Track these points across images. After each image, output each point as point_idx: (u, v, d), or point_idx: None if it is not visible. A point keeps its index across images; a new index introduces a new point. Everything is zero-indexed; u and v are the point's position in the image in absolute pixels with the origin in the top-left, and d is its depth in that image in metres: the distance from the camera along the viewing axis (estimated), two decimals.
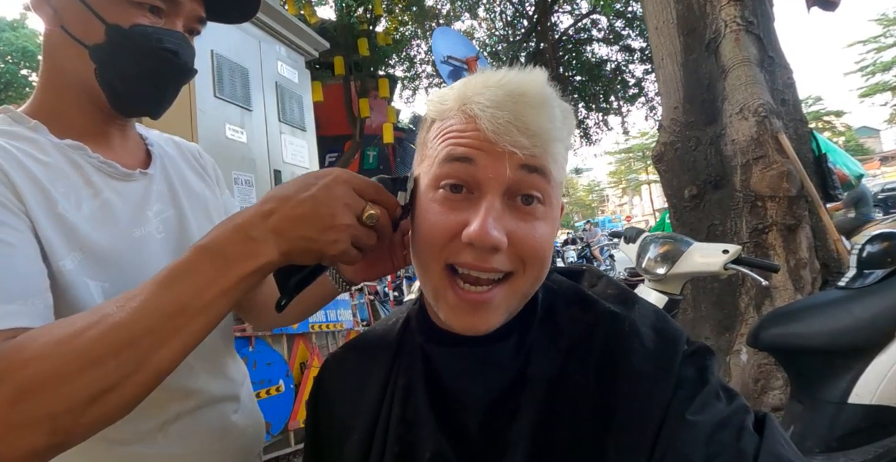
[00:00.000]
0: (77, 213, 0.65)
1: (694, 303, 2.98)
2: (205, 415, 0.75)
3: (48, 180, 0.63)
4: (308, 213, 0.52)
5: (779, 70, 2.95)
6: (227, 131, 2.93)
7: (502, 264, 0.53)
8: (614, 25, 12.56)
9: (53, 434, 0.45)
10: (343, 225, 0.53)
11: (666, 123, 3.21)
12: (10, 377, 0.44)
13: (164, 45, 0.68)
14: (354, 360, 0.71)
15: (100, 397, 0.46)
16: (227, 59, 3.00)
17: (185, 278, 0.50)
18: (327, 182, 0.54)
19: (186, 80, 0.75)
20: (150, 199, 0.75)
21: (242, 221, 0.52)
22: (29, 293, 0.54)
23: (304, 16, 7.73)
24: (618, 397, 0.53)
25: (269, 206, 0.52)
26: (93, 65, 0.67)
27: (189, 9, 0.71)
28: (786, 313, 1.69)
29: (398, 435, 0.59)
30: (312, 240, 0.52)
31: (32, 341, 0.47)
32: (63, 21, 0.67)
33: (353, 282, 0.80)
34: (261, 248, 0.51)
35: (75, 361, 0.45)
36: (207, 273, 0.50)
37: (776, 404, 2.31)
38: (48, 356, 0.45)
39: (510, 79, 0.54)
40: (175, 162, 0.85)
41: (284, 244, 0.52)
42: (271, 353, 2.75)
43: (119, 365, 0.46)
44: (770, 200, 2.62)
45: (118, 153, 0.75)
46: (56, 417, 0.45)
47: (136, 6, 0.67)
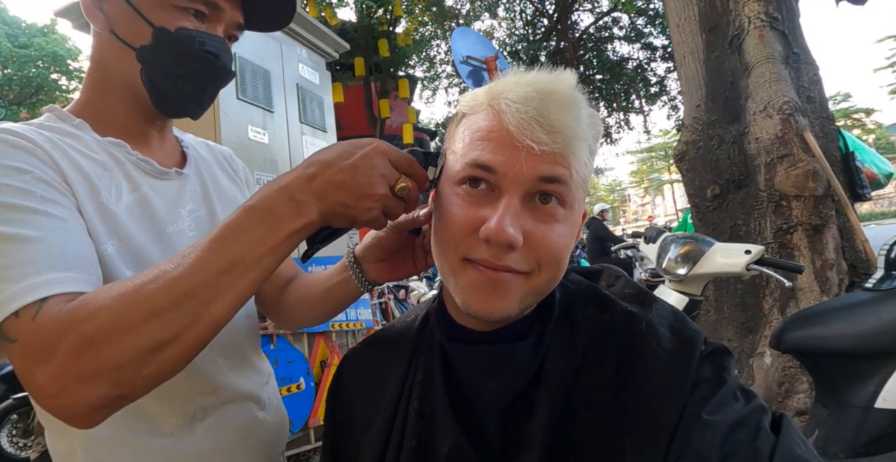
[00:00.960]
0: (117, 204, 0.69)
1: (717, 304, 2.94)
2: (232, 411, 0.77)
3: (92, 172, 0.67)
4: (347, 180, 0.55)
5: (804, 67, 2.89)
6: (250, 132, 2.98)
7: (517, 263, 0.54)
8: (636, 23, 12.42)
9: (116, 385, 0.48)
10: (378, 194, 0.56)
11: (688, 122, 3.16)
12: (75, 330, 0.47)
13: (206, 47, 0.72)
14: (374, 355, 0.73)
15: (160, 348, 0.49)
16: (250, 61, 3.05)
17: (236, 236, 0.53)
18: (367, 152, 0.57)
19: (226, 82, 0.78)
20: (184, 198, 0.79)
21: (287, 184, 0.55)
22: (85, 263, 0.58)
23: (325, 18, 7.81)
24: (634, 397, 0.53)
25: (311, 170, 0.56)
26: (139, 66, 0.71)
27: (230, 15, 0.75)
28: (810, 315, 1.66)
29: (416, 430, 0.60)
30: (348, 206, 0.56)
31: (95, 297, 0.50)
32: (113, 25, 0.71)
33: (375, 282, 0.82)
34: (304, 208, 0.55)
35: (137, 313, 0.48)
36: (257, 231, 0.53)
37: (801, 408, 2.26)
38: (111, 309, 0.48)
39: (540, 78, 0.56)
40: (209, 164, 0.89)
41: (324, 207, 0.56)
42: (292, 351, 2.79)
43: (178, 316, 0.49)
44: (795, 200, 2.57)
45: (156, 153, 0.79)
46: (119, 368, 0.48)
47: (182, 10, 0.70)
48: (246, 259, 0.52)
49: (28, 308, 0.49)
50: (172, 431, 0.70)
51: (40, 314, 0.49)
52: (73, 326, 0.48)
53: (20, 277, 0.51)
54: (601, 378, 0.56)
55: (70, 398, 0.47)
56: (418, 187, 0.61)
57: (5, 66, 17.41)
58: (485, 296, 0.55)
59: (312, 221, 0.56)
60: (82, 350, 0.47)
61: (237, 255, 0.52)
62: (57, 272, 0.53)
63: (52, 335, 0.48)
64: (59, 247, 0.56)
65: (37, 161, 0.61)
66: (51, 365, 0.47)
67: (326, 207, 0.56)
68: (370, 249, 0.79)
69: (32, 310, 0.49)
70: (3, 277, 0.51)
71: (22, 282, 0.51)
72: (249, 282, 0.53)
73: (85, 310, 0.49)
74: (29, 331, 0.49)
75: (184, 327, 0.50)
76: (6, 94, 16.19)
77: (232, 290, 0.52)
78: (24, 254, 0.53)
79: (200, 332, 0.51)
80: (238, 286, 0.52)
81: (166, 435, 0.70)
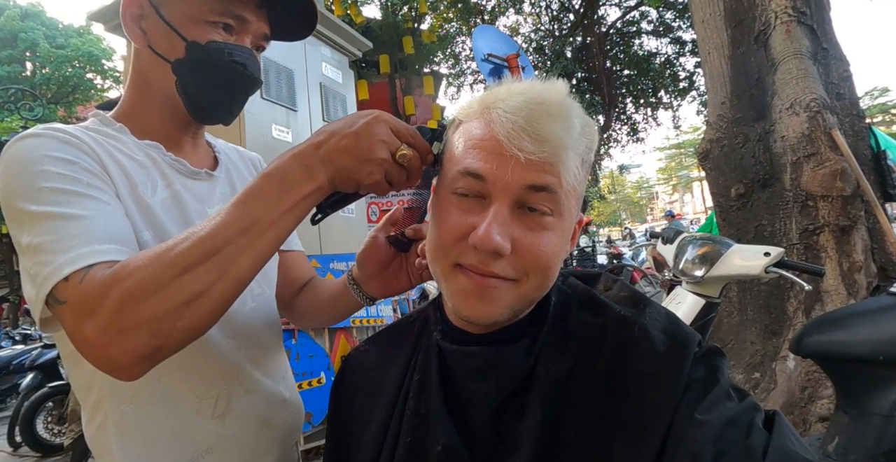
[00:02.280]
0: (153, 198, 0.75)
1: (739, 306, 2.88)
2: (253, 401, 0.82)
3: (131, 168, 0.74)
4: (350, 145, 0.60)
5: (834, 62, 2.80)
6: (274, 131, 3.03)
7: (504, 271, 0.55)
8: (664, 17, 12.17)
9: (155, 336, 0.54)
10: (378, 159, 0.60)
11: (712, 119, 3.10)
12: (116, 287, 0.53)
13: (234, 58, 0.77)
14: (376, 353, 0.76)
15: (192, 301, 0.55)
16: (274, 61, 3.10)
17: (255, 199, 0.59)
18: (368, 120, 0.61)
19: (254, 89, 0.83)
20: (213, 198, 0.85)
21: (299, 151, 0.61)
22: (126, 241, 0.64)
23: (350, 16, 7.85)
24: (625, 400, 0.54)
25: (319, 138, 0.61)
26: (174, 77, 0.77)
27: (256, 27, 0.80)
28: (832, 319, 1.61)
29: (411, 428, 0.62)
30: (352, 169, 0.61)
31: (134, 259, 0.56)
32: (151, 40, 0.77)
33: (375, 297, 0.89)
34: (314, 173, 0.60)
35: (171, 270, 0.54)
36: (273, 194, 0.59)
37: (824, 414, 2.21)
38: (148, 267, 0.54)
39: (532, 88, 0.57)
40: (239, 169, 0.95)
41: (331, 171, 0.61)
42: (313, 346, 2.84)
43: (206, 271, 0.55)
44: (822, 200, 2.50)
45: (189, 155, 0.85)
46: (157, 320, 0.53)
47: (212, 25, 0.76)
48: (264, 220, 0.58)
49: (76, 274, 0.56)
50: (198, 411, 0.75)
51: (86, 278, 0.55)
52: (115, 284, 0.54)
53: (69, 249, 0.57)
54: (592, 381, 0.57)
55: (115, 349, 0.53)
56: (421, 159, 0.64)
57: (44, 66, 17.97)
58: (473, 301, 0.57)
59: (322, 186, 0.61)
60: (124, 305, 0.53)
61: (256, 217, 0.58)
62: (101, 244, 0.59)
63: (96, 294, 0.54)
64: (103, 224, 0.62)
65: (83, 154, 0.68)
66: (97, 320, 0.53)
67: (333, 171, 0.61)
68: (363, 267, 0.86)
69: (80, 275, 0.56)
70: (53, 250, 0.58)
71: (70, 252, 0.57)
72: (268, 241, 0.59)
73: (125, 270, 0.55)
74: (77, 292, 0.55)
75: (211, 282, 0.56)
76: (44, 93, 16.72)
77: (253, 249, 0.58)
78: (71, 230, 0.59)
79: (226, 287, 0.57)
80: (258, 245, 0.58)
81: (192, 415, 0.75)
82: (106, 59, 18.99)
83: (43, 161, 0.63)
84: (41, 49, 17.47)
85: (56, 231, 0.59)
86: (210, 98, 0.79)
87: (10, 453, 4.81)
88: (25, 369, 5.54)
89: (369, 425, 0.67)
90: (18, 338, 8.84)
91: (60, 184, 0.62)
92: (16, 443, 4.75)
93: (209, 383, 0.77)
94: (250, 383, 0.81)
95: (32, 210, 0.60)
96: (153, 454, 0.73)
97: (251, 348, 0.83)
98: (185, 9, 0.75)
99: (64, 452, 4.33)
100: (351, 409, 0.72)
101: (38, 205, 0.60)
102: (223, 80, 0.78)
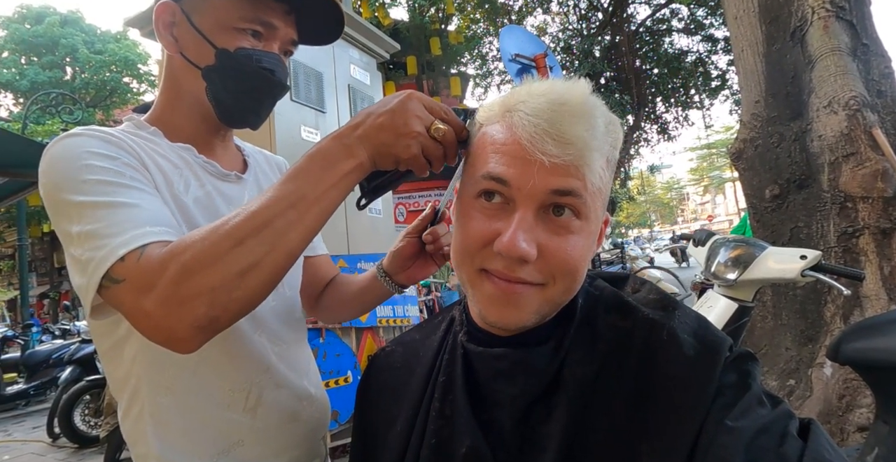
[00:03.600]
0: (187, 196, 0.78)
1: (774, 310, 2.80)
2: (282, 395, 0.84)
3: (167, 168, 0.77)
4: (386, 122, 0.63)
5: (874, 59, 2.70)
6: (303, 133, 3.07)
7: (531, 276, 0.55)
8: (695, 14, 11.92)
9: (212, 306, 0.56)
10: (414, 132, 0.63)
11: (746, 119, 3.02)
12: (175, 260, 0.56)
13: (262, 64, 0.79)
14: (402, 354, 0.76)
15: (246, 273, 0.57)
16: (303, 64, 3.14)
17: (301, 176, 0.62)
18: (402, 98, 0.64)
19: (281, 94, 0.86)
20: (242, 200, 0.87)
21: (339, 133, 0.65)
22: (173, 225, 0.67)
23: (378, 18, 7.92)
24: (654, 404, 0.53)
25: (358, 119, 0.65)
26: (204, 83, 0.80)
27: (284, 33, 0.82)
28: (872, 325, 1.55)
29: (436, 429, 0.62)
30: (390, 145, 0.63)
31: (188, 236, 0.59)
32: (182, 47, 0.80)
33: (404, 285, 0.93)
34: (353, 151, 0.64)
35: (225, 242, 0.57)
36: (317, 172, 0.63)
37: (863, 424, 2.13)
38: (204, 241, 0.57)
39: (554, 88, 0.56)
40: (266, 173, 0.98)
41: (370, 148, 0.64)
42: (340, 345, 2.87)
43: (259, 243, 0.58)
44: (862, 201, 2.41)
45: (220, 158, 0.88)
46: (214, 291, 0.56)
47: (241, 32, 0.78)
48: (309, 195, 0.61)
49: (132, 253, 0.58)
50: (231, 404, 0.77)
51: (144, 256, 0.58)
52: (173, 258, 0.56)
53: (122, 232, 0.60)
54: (620, 384, 0.56)
55: (174, 320, 0.55)
56: (455, 133, 0.65)
57: (83, 71, 18.60)
58: (500, 307, 0.56)
59: (362, 163, 0.64)
60: (182, 277, 0.55)
61: (303, 192, 0.61)
62: (153, 226, 0.62)
63: (155, 268, 0.56)
64: (152, 210, 0.65)
65: (123, 151, 0.71)
66: (156, 293, 0.55)
67: (372, 148, 0.63)
68: (394, 261, 0.92)
69: (136, 254, 0.58)
70: (107, 234, 0.60)
71: (124, 235, 0.60)
72: (315, 215, 0.62)
73: (182, 244, 0.58)
74: (135, 269, 0.57)
75: (264, 253, 0.58)
76: (83, 96, 17.29)
77: (301, 222, 0.61)
78: (121, 215, 0.62)
79: (278, 259, 0.60)
80: (306, 219, 0.61)
81: (224, 408, 0.77)
82: (142, 63, 19.59)
83: (86, 157, 0.66)
84: (80, 54, 18.10)
85: (106, 218, 0.61)
86: (239, 103, 0.82)
87: (49, 444, 4.99)
88: (64, 363, 5.73)
89: (395, 425, 0.68)
90: (58, 333, 9.17)
91: (105, 176, 0.65)
92: (54, 434, 4.93)
93: (242, 376, 0.79)
94: (280, 378, 0.83)
95: (80, 200, 0.63)
96: (187, 445, 0.75)
97: (276, 344, 0.85)
98: (215, 16, 0.77)
99: (100, 444, 4.48)
100: (377, 409, 0.73)
101: (86, 195, 0.63)
102: (252, 86, 0.80)
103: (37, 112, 10.59)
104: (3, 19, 19.15)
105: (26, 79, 17.81)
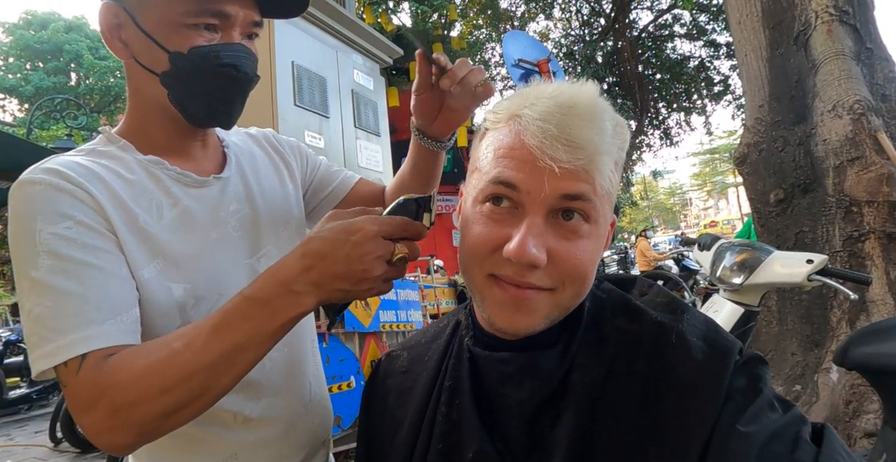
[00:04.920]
0: (158, 224, 0.72)
1: (780, 315, 2.79)
2: (278, 405, 0.81)
3: (131, 198, 0.71)
4: (343, 271, 0.59)
5: (879, 63, 2.70)
6: (307, 137, 3.08)
7: (541, 281, 0.54)
8: (697, 20, 11.95)
9: (140, 435, 0.59)
10: (375, 276, 0.60)
11: (750, 123, 3.02)
12: (109, 396, 0.57)
13: (222, 61, 0.72)
14: (408, 359, 0.75)
15: (175, 412, 0.59)
16: (307, 69, 3.16)
17: (237, 325, 0.59)
18: (357, 239, 0.59)
19: (250, 88, 0.79)
20: (225, 201, 0.82)
21: (284, 276, 0.60)
22: (120, 310, 0.64)
23: (381, 24, 7.95)
24: (663, 409, 0.53)
25: (307, 262, 0.59)
26: (164, 90, 0.73)
27: (242, 17, 0.74)
28: (879, 330, 1.54)
29: (442, 433, 0.62)
30: (348, 291, 0.60)
31: (122, 368, 0.59)
32: (134, 53, 0.73)
33: (442, 137, 0.94)
34: (302, 298, 0.59)
35: (155, 388, 0.57)
36: (256, 320, 0.59)
37: (870, 430, 2.11)
38: (135, 383, 0.57)
39: (562, 91, 0.55)
40: (253, 158, 0.91)
41: (323, 295, 0.60)
42: (344, 350, 2.86)
43: (188, 391, 0.58)
44: (867, 206, 2.41)
45: (198, 162, 0.82)
46: (142, 425, 0.58)
47: (193, 28, 0.70)
48: (246, 345, 0.59)
49: (73, 361, 0.59)
50: (224, 420, 0.75)
51: (82, 370, 0.59)
52: (108, 392, 0.57)
53: (65, 331, 0.60)
54: (628, 388, 0.55)
55: (105, 439, 0.59)
56: (415, 242, 0.63)
57: (87, 77, 18.72)
58: (510, 313, 0.56)
59: (309, 308, 0.61)
60: (112, 413, 0.57)
61: (237, 341, 0.59)
62: (95, 326, 0.61)
63: (90, 395, 0.58)
64: (98, 300, 0.63)
65: (78, 203, 0.66)
66: (92, 416, 0.58)
67: (325, 294, 0.60)
68: (421, 118, 0.89)
69: (76, 364, 0.59)
70: (50, 327, 0.60)
71: (67, 336, 0.60)
72: (249, 361, 0.60)
73: (114, 381, 0.58)
74: (74, 384, 0.59)
75: (193, 398, 0.59)
76: (88, 102, 17.40)
77: (234, 369, 0.60)
78: (68, 307, 0.61)
79: (208, 401, 0.60)
80: (239, 365, 0.60)
81: (217, 424, 0.75)
82: None
83: (37, 218, 0.63)
84: (85, 60, 18.23)
85: (52, 307, 0.61)
86: (206, 106, 0.75)
87: (52, 448, 4.98)
88: None
89: (400, 430, 0.67)
90: None
91: (56, 247, 0.62)
92: (57, 438, 4.93)
93: (233, 394, 0.75)
94: (274, 387, 0.81)
95: (32, 276, 0.62)
96: (180, 460, 0.76)
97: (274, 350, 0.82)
98: (160, 15, 0.70)
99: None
100: (382, 414, 0.72)
101: (36, 270, 0.62)
102: (216, 87, 0.74)
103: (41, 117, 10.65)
104: (8, 25, 19.31)
105: (31, 84, 17.95)
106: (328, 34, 3.44)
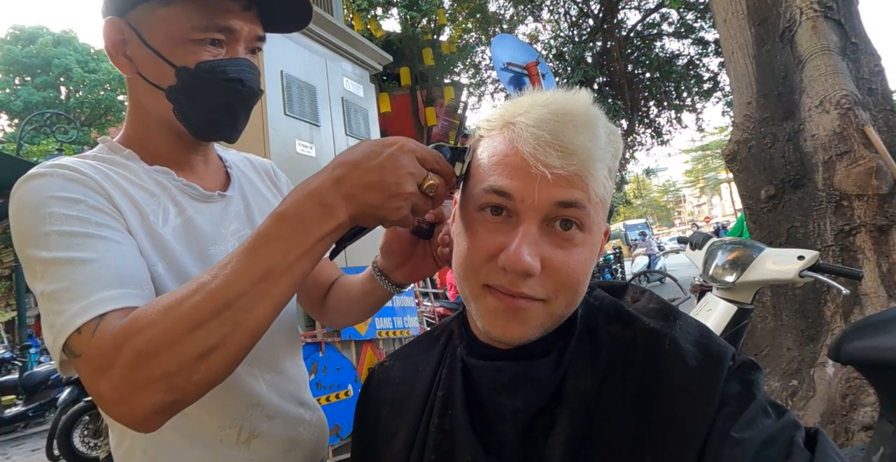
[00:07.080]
0: (164, 227, 0.73)
1: (774, 311, 2.80)
2: (278, 426, 0.80)
3: (140, 199, 0.71)
4: (376, 181, 0.55)
5: (864, 57, 2.73)
6: (297, 147, 3.07)
7: (534, 291, 0.54)
8: (685, 18, 12.01)
9: (170, 391, 0.52)
10: (407, 193, 0.57)
11: (739, 120, 3.04)
12: (128, 345, 0.51)
13: (228, 75, 0.73)
14: (400, 369, 0.75)
15: (206, 355, 0.53)
16: (296, 78, 3.15)
17: (269, 244, 0.55)
18: (394, 151, 0.57)
19: (255, 102, 0.80)
20: (227, 219, 0.82)
21: (316, 188, 0.56)
22: (139, 280, 0.62)
23: (370, 30, 7.97)
24: (658, 415, 0.53)
25: (339, 172, 0.56)
26: (170, 105, 0.74)
27: (247, 32, 0.75)
28: (872, 324, 1.55)
29: (436, 444, 0.61)
30: (378, 206, 0.56)
31: (143, 313, 0.54)
32: (139, 68, 0.74)
33: (403, 284, 0.86)
34: (334, 211, 0.56)
35: (182, 325, 0.52)
36: (289, 238, 0.55)
37: (867, 423, 2.12)
38: (158, 323, 0.52)
39: (556, 99, 0.56)
40: (252, 182, 0.92)
41: (353, 209, 0.56)
42: (340, 358, 2.85)
43: (219, 325, 0.53)
44: (857, 199, 2.42)
45: (201, 177, 0.83)
46: (171, 376, 0.51)
47: (198, 43, 0.71)
48: (279, 266, 0.55)
49: (88, 325, 0.54)
50: (223, 440, 0.74)
51: (98, 330, 0.54)
52: (126, 341, 0.52)
53: (80, 297, 0.56)
54: (623, 395, 0.55)
55: (129, 405, 0.52)
56: (446, 184, 0.61)
57: (77, 90, 18.68)
58: (504, 322, 0.56)
59: (342, 224, 0.57)
60: (136, 363, 0.51)
61: (271, 264, 0.54)
62: (112, 289, 0.57)
63: (109, 350, 0.52)
64: (114, 266, 0.60)
65: (89, 191, 0.65)
66: (110, 376, 0.52)
67: (356, 209, 0.56)
68: (388, 258, 0.84)
69: (91, 326, 0.54)
70: (65, 298, 0.56)
71: (81, 301, 0.56)
72: (284, 288, 0.56)
73: (136, 325, 0.53)
74: (90, 346, 0.53)
75: (226, 335, 0.53)
76: (78, 116, 17.36)
77: (268, 297, 0.55)
78: (82, 275, 0.58)
79: (242, 338, 0.54)
80: (274, 293, 0.55)
81: (216, 444, 0.74)
82: None
83: (49, 203, 0.61)
84: (74, 74, 18.19)
85: (67, 278, 0.57)
86: (212, 120, 0.76)
87: None
88: (63, 384, 5.69)
89: (394, 441, 0.67)
90: None
91: (68, 226, 0.60)
92: (54, 456, 4.87)
93: (232, 413, 0.76)
94: (271, 408, 0.80)
95: (43, 256, 0.59)
96: None
97: (269, 372, 0.82)
98: (167, 30, 0.70)
99: None
100: (376, 425, 0.71)
101: (48, 250, 0.59)
102: (222, 102, 0.74)
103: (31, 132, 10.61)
104: None
105: (20, 99, 17.90)
106: (317, 42, 3.44)
